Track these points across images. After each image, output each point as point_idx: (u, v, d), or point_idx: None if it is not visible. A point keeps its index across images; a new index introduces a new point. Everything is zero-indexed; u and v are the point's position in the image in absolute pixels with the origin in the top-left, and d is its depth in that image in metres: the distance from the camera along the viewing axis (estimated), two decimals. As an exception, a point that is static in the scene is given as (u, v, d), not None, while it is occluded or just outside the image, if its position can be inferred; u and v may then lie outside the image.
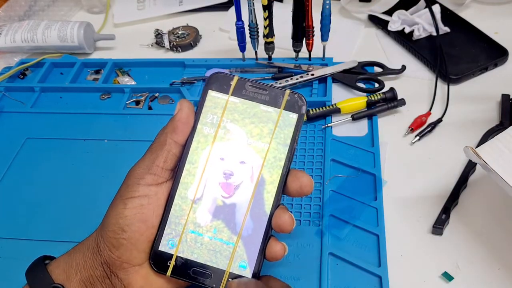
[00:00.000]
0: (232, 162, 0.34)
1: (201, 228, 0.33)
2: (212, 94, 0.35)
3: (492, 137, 0.42)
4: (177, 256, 0.33)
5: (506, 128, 0.43)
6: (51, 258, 0.36)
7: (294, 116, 0.34)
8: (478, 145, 0.47)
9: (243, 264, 0.33)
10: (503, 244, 0.43)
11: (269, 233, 0.33)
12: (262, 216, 0.33)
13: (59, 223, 0.48)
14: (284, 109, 0.34)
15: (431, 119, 0.54)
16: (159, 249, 0.33)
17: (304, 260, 0.43)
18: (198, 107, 0.35)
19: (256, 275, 0.33)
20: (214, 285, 0.32)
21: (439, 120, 0.54)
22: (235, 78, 0.35)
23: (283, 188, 0.34)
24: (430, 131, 0.53)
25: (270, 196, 0.33)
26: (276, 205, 0.33)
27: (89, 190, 0.51)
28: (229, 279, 0.33)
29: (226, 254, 0.33)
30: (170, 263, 0.33)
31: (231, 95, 0.34)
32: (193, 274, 0.33)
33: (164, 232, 0.33)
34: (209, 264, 0.33)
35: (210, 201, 0.34)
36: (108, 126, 0.58)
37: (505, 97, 0.55)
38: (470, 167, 0.48)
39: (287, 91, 0.34)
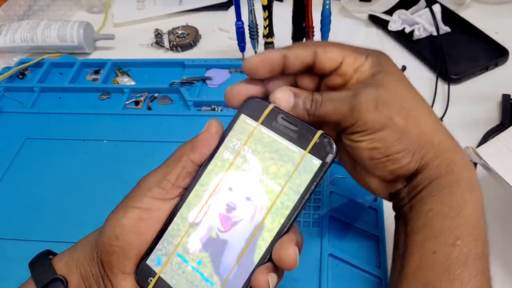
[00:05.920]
0: (238, 196, 0.31)
1: (188, 255, 0.32)
2: (242, 119, 0.33)
3: (493, 137, 0.42)
4: (159, 276, 0.32)
5: (506, 128, 0.43)
6: (54, 254, 0.36)
7: (317, 163, 0.30)
8: (478, 145, 0.47)
9: None
10: (503, 244, 0.43)
11: (250, 284, 0.30)
12: (248, 263, 0.30)
13: (59, 223, 0.48)
14: (309, 152, 0.30)
15: (431, 119, 0.54)
16: (146, 262, 0.32)
17: (304, 261, 0.42)
18: (228, 128, 0.33)
19: None
20: None
21: (439, 120, 0.54)
22: (270, 107, 0.32)
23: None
24: (430, 131, 0.53)
25: (264, 244, 0.30)
26: (266, 257, 0.30)
27: (89, 190, 0.51)
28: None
29: None
30: (151, 280, 0.32)
31: (261, 123, 0.32)
32: None
33: (156, 247, 0.32)
34: None
35: (205, 230, 0.32)
36: (107, 127, 0.58)
37: (505, 97, 0.55)
38: (471, 167, 0.48)
39: (319, 132, 0.31)
